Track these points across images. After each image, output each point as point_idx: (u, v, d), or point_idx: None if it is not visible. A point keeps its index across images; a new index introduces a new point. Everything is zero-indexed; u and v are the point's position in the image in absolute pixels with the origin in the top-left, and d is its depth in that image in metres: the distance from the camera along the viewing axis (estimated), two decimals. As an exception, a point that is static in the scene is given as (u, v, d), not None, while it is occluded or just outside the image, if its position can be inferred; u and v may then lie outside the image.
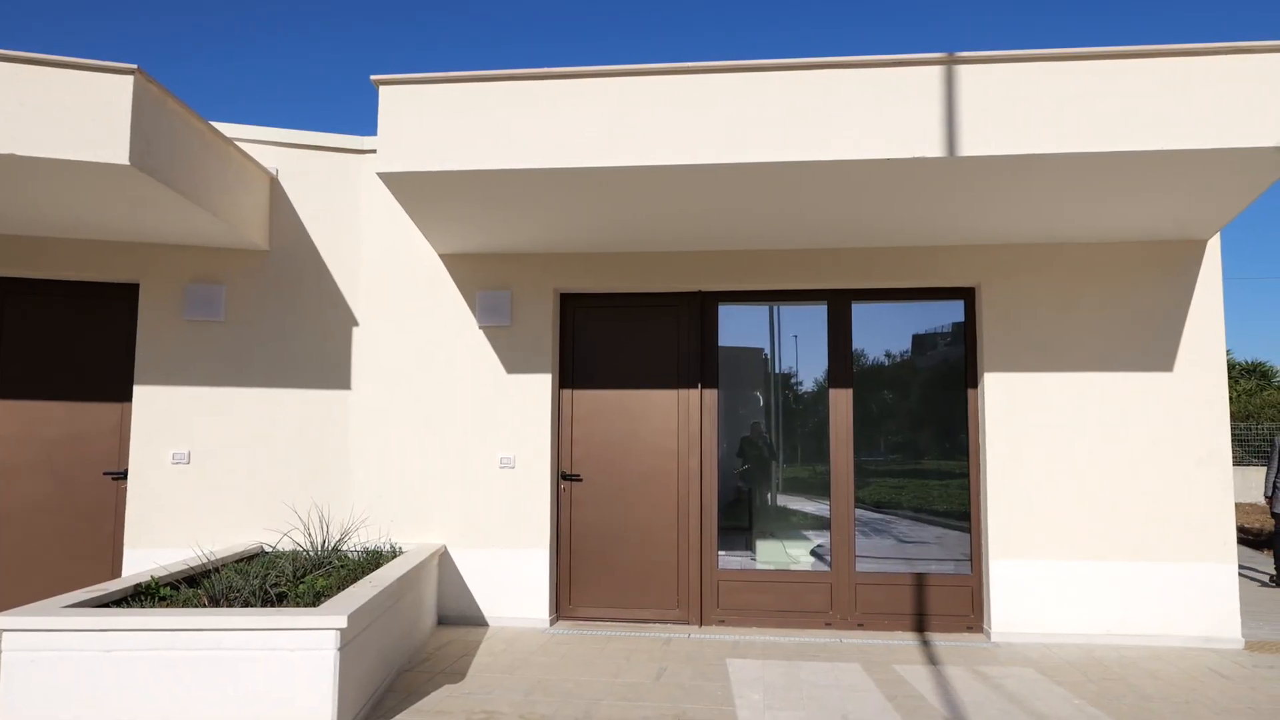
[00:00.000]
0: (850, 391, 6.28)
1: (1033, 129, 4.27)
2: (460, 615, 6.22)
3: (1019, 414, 5.96)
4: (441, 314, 6.42)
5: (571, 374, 6.52)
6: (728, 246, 6.19)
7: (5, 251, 6.03)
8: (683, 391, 6.42)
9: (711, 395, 6.39)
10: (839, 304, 6.35)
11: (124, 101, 4.50)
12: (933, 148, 4.31)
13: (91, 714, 3.73)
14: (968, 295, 6.27)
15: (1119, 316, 5.94)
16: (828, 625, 6.13)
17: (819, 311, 6.42)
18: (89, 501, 6.17)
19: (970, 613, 6.05)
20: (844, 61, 4.41)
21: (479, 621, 6.21)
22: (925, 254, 6.13)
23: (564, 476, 6.45)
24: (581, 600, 6.38)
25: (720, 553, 6.33)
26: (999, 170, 4.48)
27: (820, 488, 6.39)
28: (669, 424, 6.41)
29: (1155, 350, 5.90)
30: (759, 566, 6.34)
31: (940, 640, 5.84)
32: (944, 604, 6.07)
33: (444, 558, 6.24)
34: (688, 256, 6.33)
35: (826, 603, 6.17)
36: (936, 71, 4.35)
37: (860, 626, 6.11)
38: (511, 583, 6.22)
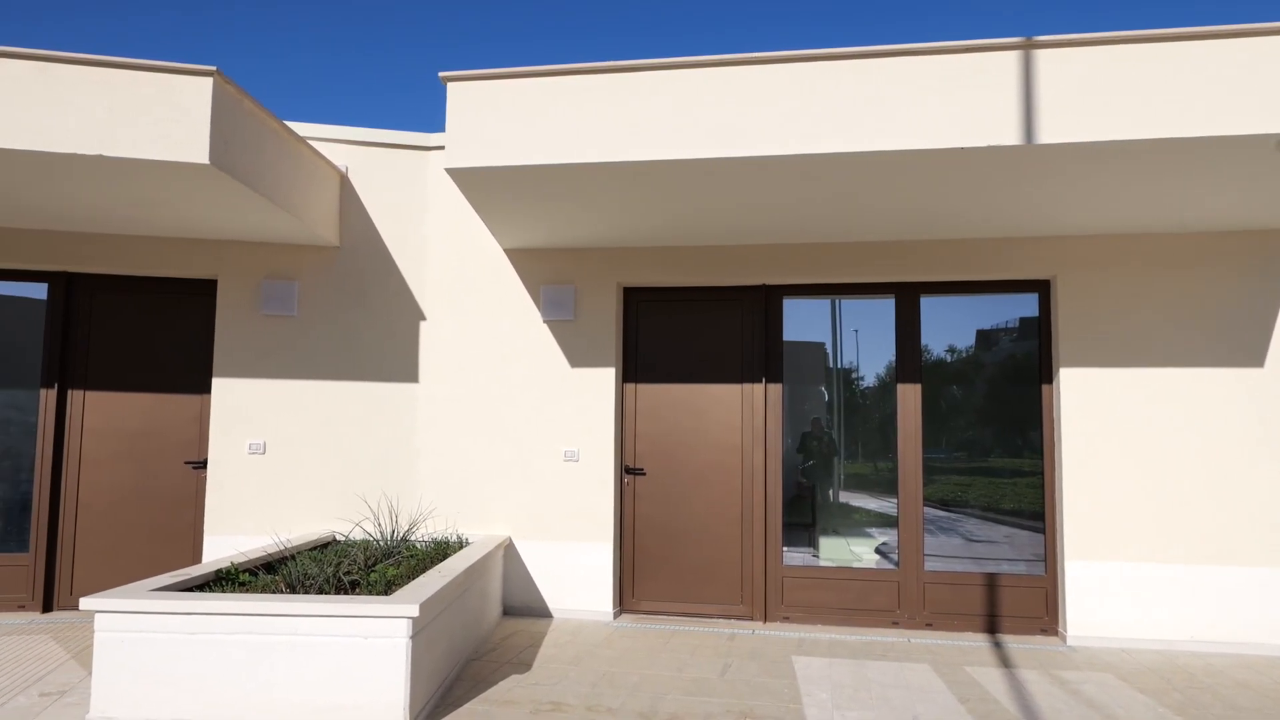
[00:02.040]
0: (919, 387, 6.15)
1: (1115, 114, 4.11)
2: (525, 606, 6.28)
3: (1096, 410, 5.77)
4: (506, 308, 6.48)
5: (635, 368, 6.53)
6: (792, 240, 6.12)
7: (93, 249, 6.27)
8: (746, 386, 6.37)
9: (776, 390, 6.33)
10: (907, 297, 6.23)
11: (204, 102, 4.63)
12: (1009, 136, 4.18)
13: (176, 692, 3.87)
14: (1042, 288, 6.08)
15: (1203, 309, 5.70)
16: (895, 624, 6.03)
17: (881, 305, 6.30)
18: (171, 490, 6.39)
19: (1044, 615, 5.88)
20: (913, 49, 4.30)
21: (543, 613, 6.26)
22: (998, 246, 5.97)
23: (628, 470, 6.45)
24: (645, 594, 6.38)
25: (783, 549, 6.27)
26: (1078, 158, 4.33)
27: (883, 484, 6.28)
28: (733, 419, 6.37)
29: (1243, 345, 5.64)
30: (822, 564, 6.26)
31: (1013, 642, 5.69)
32: (1016, 605, 5.92)
33: (509, 549, 6.31)
34: (752, 250, 6.27)
35: (894, 601, 6.06)
36: (1013, 57, 4.22)
37: (929, 626, 5.99)
38: (575, 575, 6.26)
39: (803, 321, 6.44)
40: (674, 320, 6.52)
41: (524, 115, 4.59)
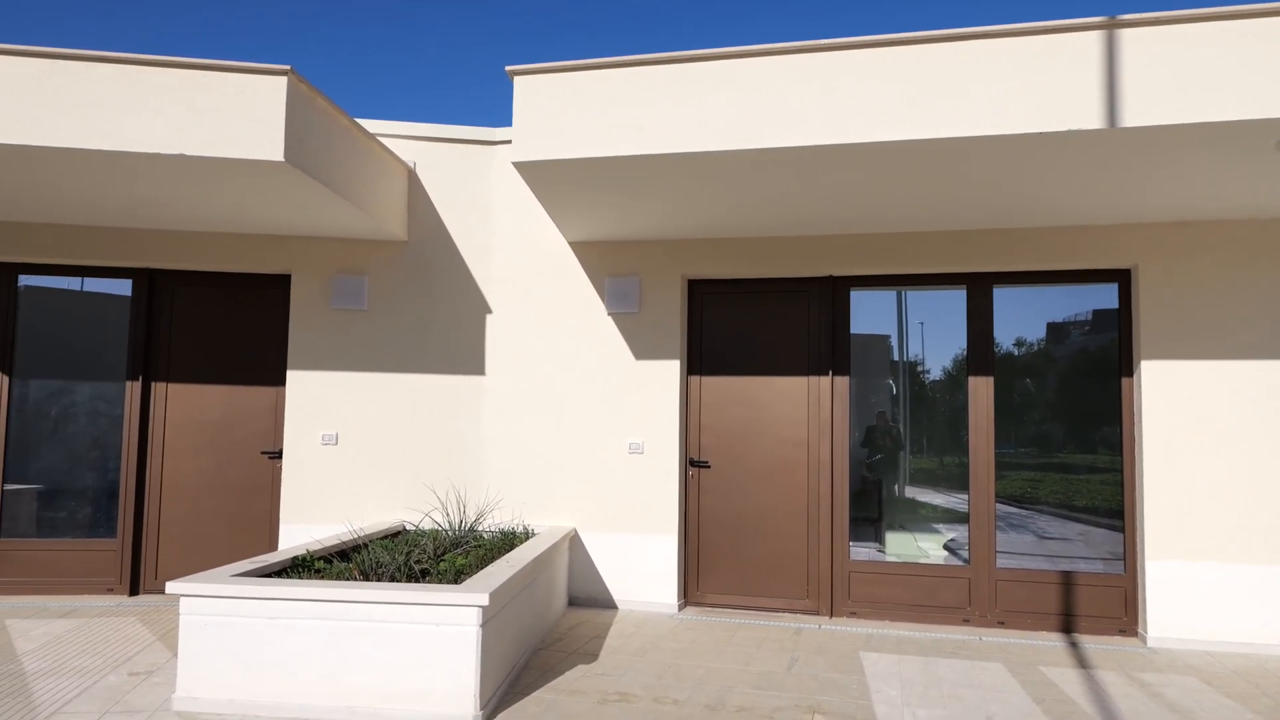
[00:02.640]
0: (991, 380, 6.00)
1: (1203, 95, 3.93)
2: (589, 597, 6.32)
3: (1179, 405, 5.55)
4: (570, 301, 6.51)
5: (699, 361, 6.50)
6: (860, 230, 6.02)
7: (174, 246, 6.49)
8: (813, 379, 6.29)
9: (843, 383, 6.24)
10: (979, 288, 6.08)
11: (278, 101, 4.74)
12: (1090, 119, 4.04)
13: (257, 675, 3.99)
14: (1122, 277, 5.88)
15: (1298, 299, 5.43)
16: (966, 622, 5.90)
17: (948, 297, 6.17)
18: (248, 479, 6.59)
19: (1123, 615, 5.70)
20: (986, 31, 4.19)
21: (608, 604, 6.29)
22: (1075, 234, 5.78)
23: (692, 463, 6.44)
24: (709, 586, 6.37)
25: (849, 544, 6.19)
26: (1164, 142, 4.16)
27: (950, 479, 6.15)
28: (798, 412, 6.30)
29: (1341, 335, 5.37)
30: (888, 559, 6.17)
31: (1090, 643, 5.52)
32: (1093, 605, 5.74)
33: (574, 540, 6.35)
34: (818, 240, 6.18)
35: (964, 599, 5.93)
36: (1095, 37, 4.07)
37: (1001, 625, 5.85)
38: (640, 567, 6.27)
39: (866, 313, 6.34)
40: (739, 312, 6.48)
41: (590, 107, 4.59)
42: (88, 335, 6.69)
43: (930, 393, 6.27)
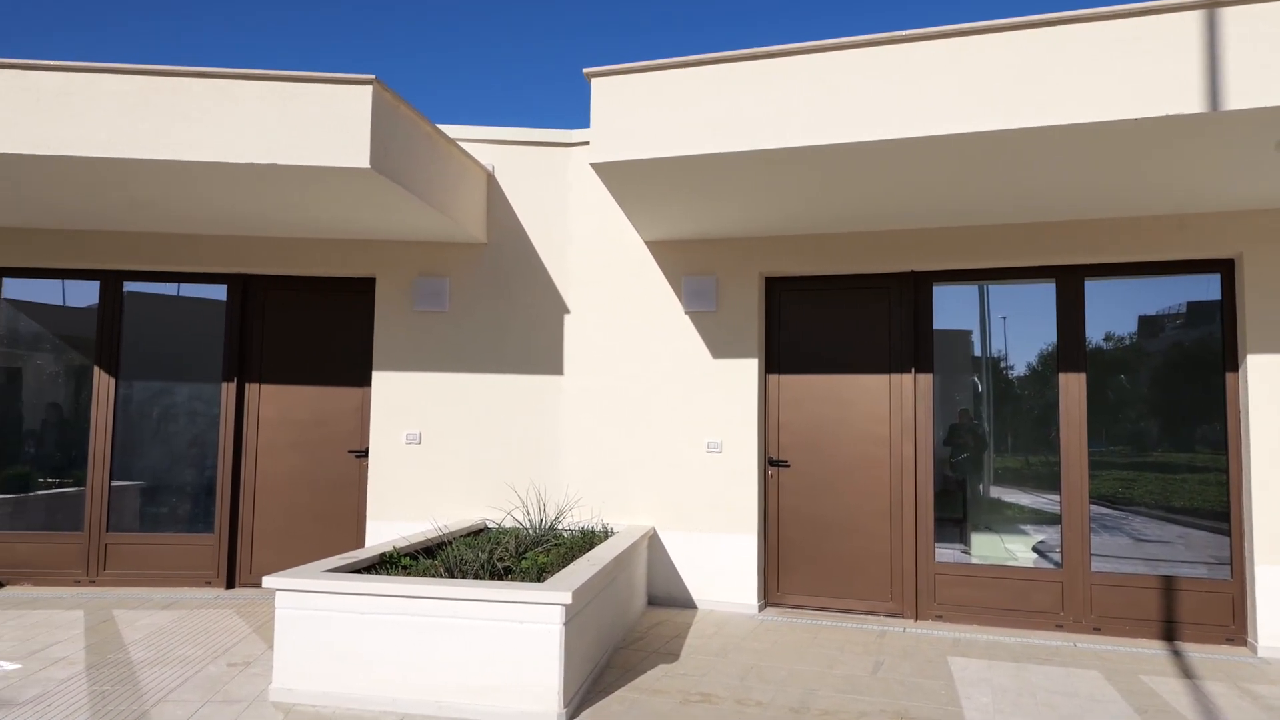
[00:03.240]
0: (1084, 376, 5.78)
1: (1319, 74, 3.71)
2: (668, 597, 6.32)
3: (1291, 401, 5.25)
4: (647, 300, 6.52)
5: (778, 359, 6.43)
6: (943, 223, 5.87)
7: (265, 251, 6.72)
8: (894, 376, 6.16)
9: (926, 380, 6.10)
10: (1070, 281, 5.86)
11: (364, 109, 4.87)
12: (1190, 103, 3.85)
13: (349, 668, 4.10)
14: (1225, 267, 5.59)
15: None
16: (1059, 627, 5.70)
17: (1032, 291, 5.97)
18: (336, 477, 6.79)
19: (1230, 623, 5.42)
20: (1076, 16, 4.03)
21: (687, 604, 6.28)
22: (1174, 223, 5.52)
23: (771, 462, 6.38)
24: (789, 587, 6.30)
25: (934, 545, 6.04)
26: (1272, 124, 3.94)
27: (1036, 479, 5.95)
28: (880, 410, 6.18)
29: None
30: (974, 561, 6.00)
31: (1194, 651, 5.27)
32: (1197, 611, 5.48)
33: (653, 539, 6.36)
34: (899, 235, 6.05)
35: (1057, 603, 5.73)
36: (1194, 17, 3.88)
37: (1096, 631, 5.63)
38: (719, 567, 6.24)
39: (945, 309, 6.17)
40: (817, 309, 6.39)
41: (667, 107, 4.58)
42: (185, 339, 7.00)
43: (1016, 389, 6.07)
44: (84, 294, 6.97)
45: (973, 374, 6.21)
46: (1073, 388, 5.80)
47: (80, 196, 5.63)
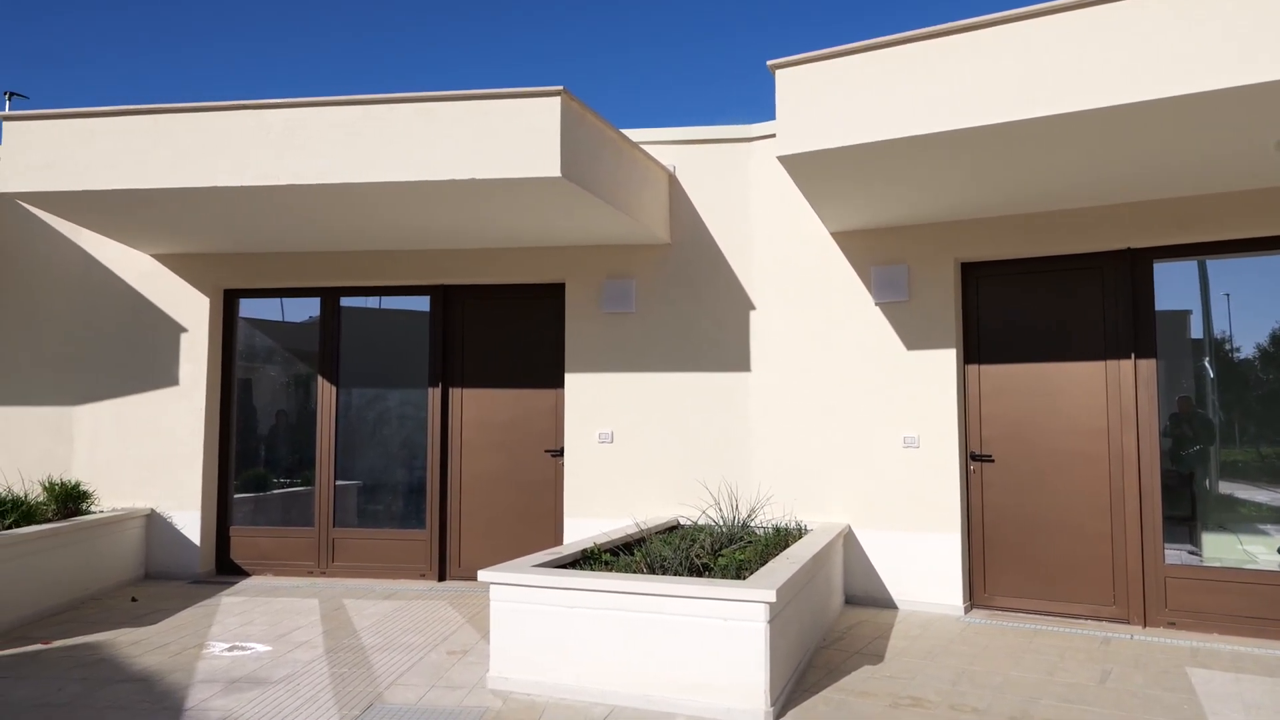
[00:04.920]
0: (1343, 356, 5.12)
1: None
2: (866, 596, 6.14)
3: None
4: (833, 293, 6.37)
5: (977, 348, 6.11)
6: (1161, 194, 5.36)
7: (462, 262, 7.11)
8: (1111, 363, 5.69)
9: (1148, 366, 5.59)
10: (1323, 250, 5.20)
11: (553, 120, 5.04)
12: None
13: (560, 660, 4.25)
14: None
15: None
16: (1321, 639, 5.07)
17: (1261, 264, 5.35)
18: (534, 475, 7.08)
19: None
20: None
21: (886, 603, 6.08)
22: None
23: (973, 457, 6.06)
24: (997, 589, 5.96)
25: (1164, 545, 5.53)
26: None
27: (1272, 473, 5.35)
28: (1094, 400, 5.73)
29: None
30: (1207, 563, 5.45)
31: None
32: None
33: (848, 537, 6.20)
34: (1110, 210, 5.59)
35: (1317, 612, 5.10)
36: None
37: (1369, 644, 4.96)
38: (919, 566, 6.00)
39: (1159, 287, 5.64)
40: (1020, 294, 6.01)
41: (855, 93, 4.45)
42: (392, 348, 7.52)
43: (1246, 374, 5.46)
44: (298, 310, 7.66)
45: (1198, 358, 5.64)
46: (1330, 370, 5.15)
47: (300, 221, 6.16)
